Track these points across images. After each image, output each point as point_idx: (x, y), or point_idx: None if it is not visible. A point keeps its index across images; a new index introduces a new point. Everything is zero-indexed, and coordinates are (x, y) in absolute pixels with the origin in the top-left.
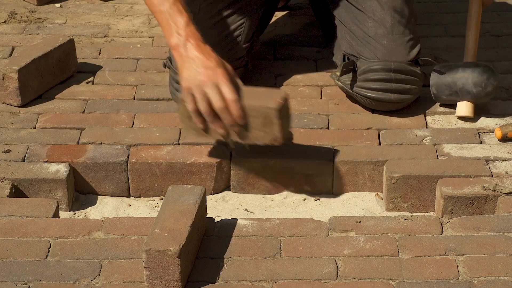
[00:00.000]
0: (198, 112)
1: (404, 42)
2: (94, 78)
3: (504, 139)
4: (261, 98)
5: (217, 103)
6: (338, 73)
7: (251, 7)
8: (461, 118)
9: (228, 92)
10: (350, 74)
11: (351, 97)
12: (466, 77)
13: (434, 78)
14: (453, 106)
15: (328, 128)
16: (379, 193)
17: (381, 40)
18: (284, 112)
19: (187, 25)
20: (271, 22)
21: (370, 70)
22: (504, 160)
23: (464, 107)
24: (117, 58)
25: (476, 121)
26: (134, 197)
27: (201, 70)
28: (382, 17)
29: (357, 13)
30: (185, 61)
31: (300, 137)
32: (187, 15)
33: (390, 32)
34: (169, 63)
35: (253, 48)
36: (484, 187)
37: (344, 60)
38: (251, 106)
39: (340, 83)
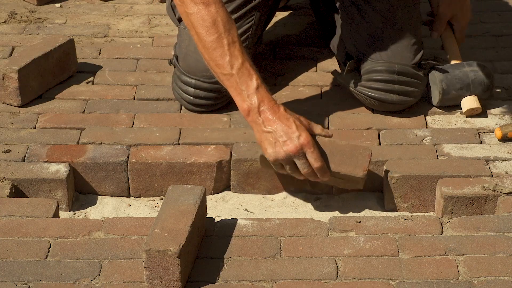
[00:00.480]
0: (283, 176)
1: (409, 45)
2: (94, 78)
3: (504, 139)
4: (347, 162)
5: (304, 170)
6: (340, 71)
7: (258, 10)
8: (470, 113)
9: (314, 161)
10: (353, 73)
11: (351, 97)
12: (476, 70)
13: (440, 75)
14: (451, 107)
15: (328, 128)
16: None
17: (387, 41)
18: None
19: (257, 88)
20: (271, 21)
21: (374, 71)
22: (504, 160)
23: (472, 101)
24: (117, 58)
25: (476, 121)
26: (134, 197)
27: (286, 142)
28: (390, 18)
29: (365, 12)
30: (264, 132)
31: None
32: (256, 76)
33: (396, 34)
34: (175, 61)
35: (257, 50)
36: (484, 187)
37: (347, 58)
38: (339, 173)
39: (342, 81)
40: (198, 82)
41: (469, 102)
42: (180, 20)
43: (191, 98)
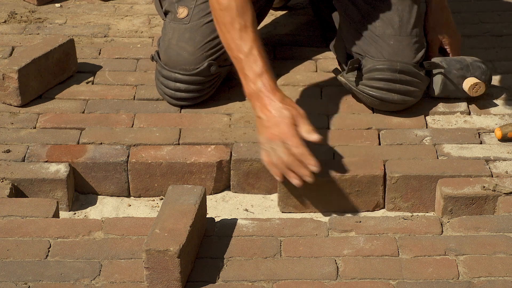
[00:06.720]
0: (272, 164)
1: (411, 43)
2: (94, 78)
3: (504, 139)
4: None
5: (285, 158)
6: (341, 69)
7: None
8: (474, 91)
9: (294, 147)
10: (355, 72)
11: (351, 97)
12: (472, 57)
13: (439, 57)
14: (452, 103)
15: (328, 128)
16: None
17: (388, 40)
18: None
19: (261, 75)
20: (271, 22)
21: (376, 69)
22: (504, 160)
23: (474, 78)
24: (117, 58)
25: (476, 121)
26: (134, 197)
27: (269, 127)
28: (391, 17)
29: (365, 11)
30: (257, 117)
31: None
32: (263, 62)
33: (397, 32)
34: (157, 57)
35: None
36: (484, 187)
37: (348, 58)
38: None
39: (343, 79)
40: (178, 76)
41: (471, 79)
42: (166, 13)
43: (172, 92)
